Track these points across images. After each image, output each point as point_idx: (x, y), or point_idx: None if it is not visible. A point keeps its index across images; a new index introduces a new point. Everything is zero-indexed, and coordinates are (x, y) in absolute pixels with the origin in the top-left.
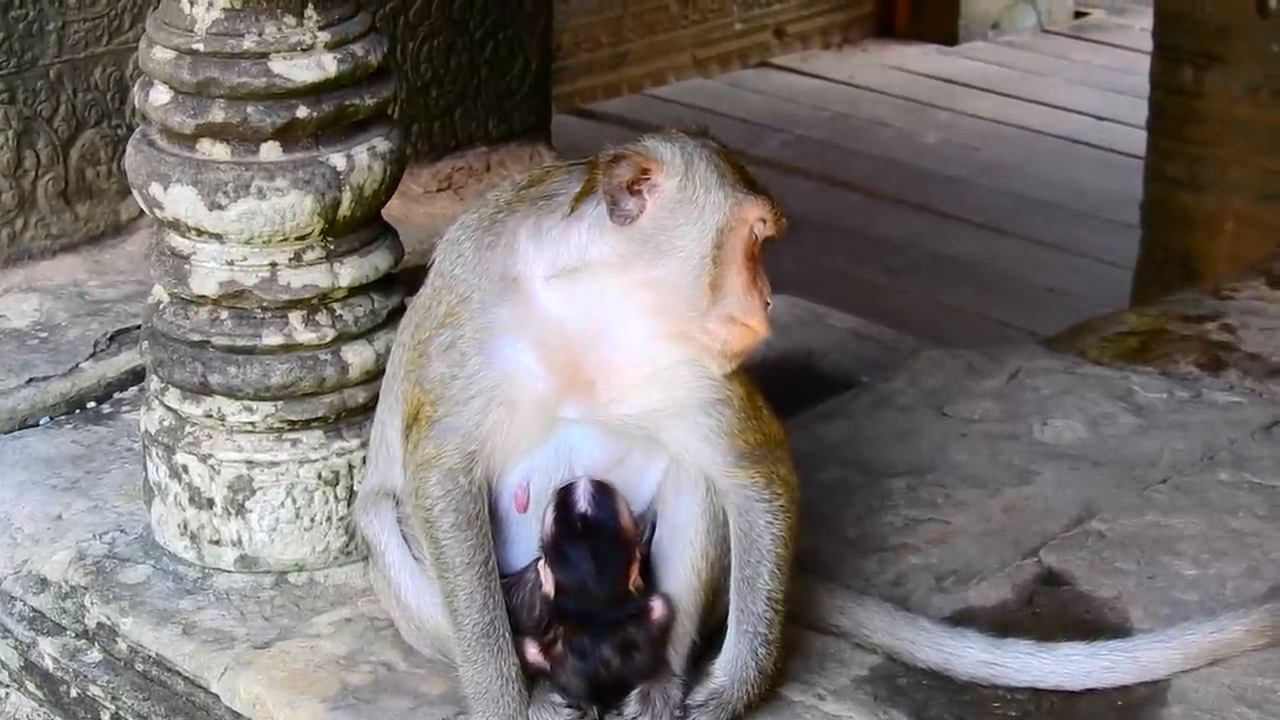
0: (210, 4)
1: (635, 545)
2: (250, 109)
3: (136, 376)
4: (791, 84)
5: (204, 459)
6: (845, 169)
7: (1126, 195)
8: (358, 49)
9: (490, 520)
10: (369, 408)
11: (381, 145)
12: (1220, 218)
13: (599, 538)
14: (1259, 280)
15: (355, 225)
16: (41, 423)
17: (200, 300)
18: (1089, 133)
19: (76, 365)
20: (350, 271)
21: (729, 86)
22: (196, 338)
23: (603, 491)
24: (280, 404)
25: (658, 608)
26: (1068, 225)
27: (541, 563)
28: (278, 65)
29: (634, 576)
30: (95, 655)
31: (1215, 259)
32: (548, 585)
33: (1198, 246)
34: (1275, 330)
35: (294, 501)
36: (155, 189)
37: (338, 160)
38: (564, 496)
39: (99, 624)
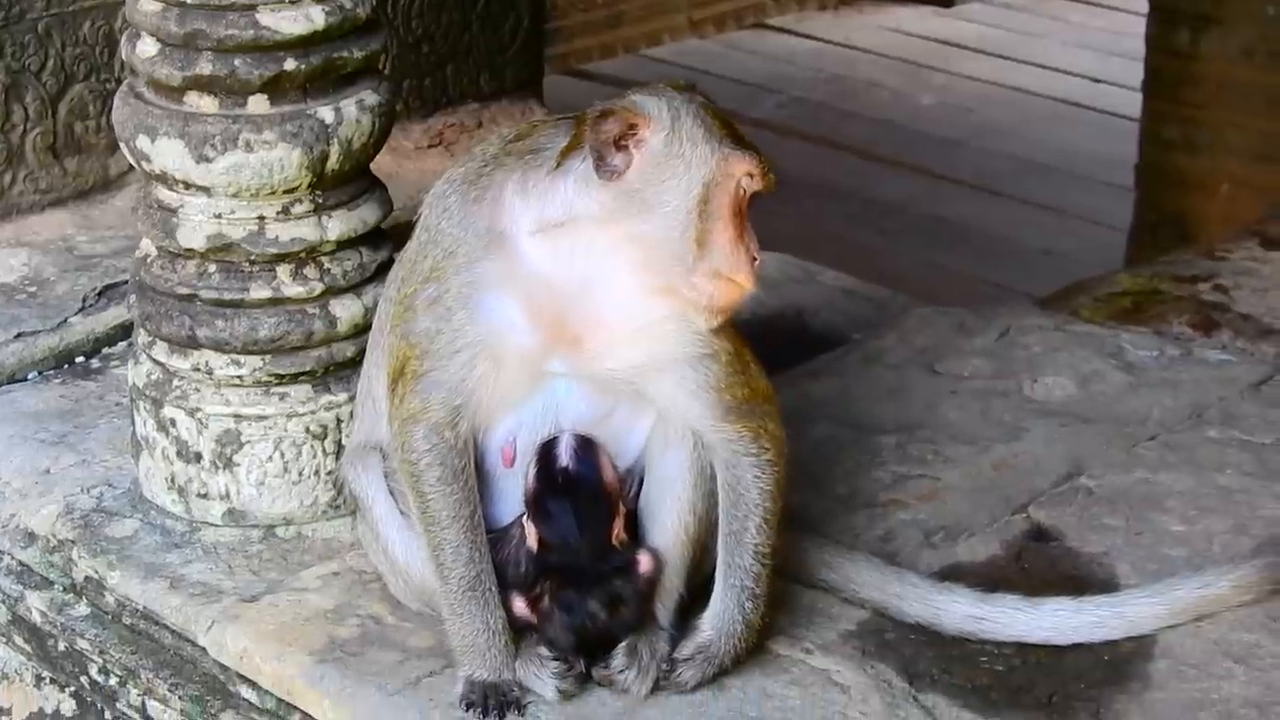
0: None
1: (618, 499)
2: (238, 61)
3: (125, 331)
4: (787, 45)
5: (192, 413)
6: (841, 131)
7: (1121, 157)
8: (346, 1)
9: (477, 475)
10: (357, 362)
11: (370, 98)
12: (1215, 179)
13: (580, 492)
14: (1252, 241)
15: (343, 179)
16: (30, 377)
17: (188, 254)
18: (1085, 95)
19: (65, 320)
20: (338, 225)
21: (724, 47)
22: (184, 291)
23: (585, 446)
24: (268, 358)
25: (644, 562)
26: (1063, 187)
27: (526, 517)
28: (265, 17)
29: (617, 530)
30: (83, 609)
31: (1209, 221)
32: (531, 540)
33: (1192, 208)
34: (1268, 291)
35: (282, 455)
36: (142, 142)
37: (326, 113)
38: (546, 451)
39: (86, 578)
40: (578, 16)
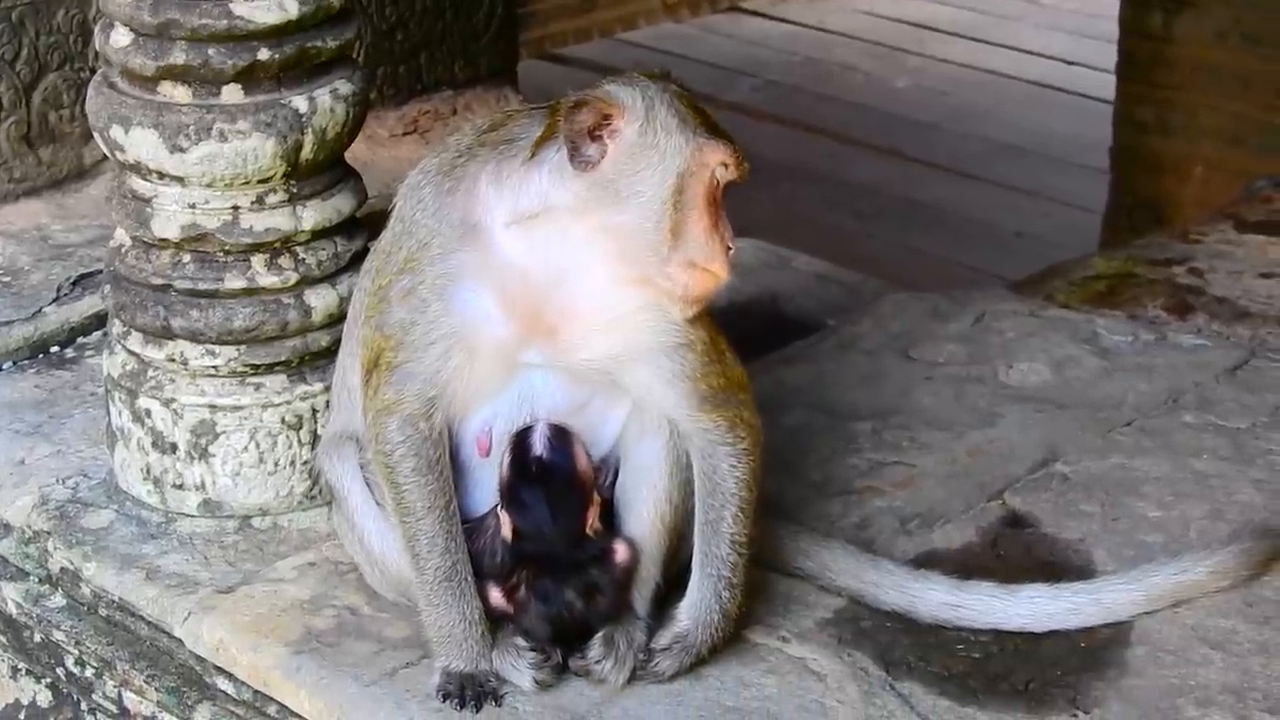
0: None
1: (592, 488)
2: (211, 51)
3: (100, 321)
4: (762, 29)
5: (167, 403)
6: (815, 114)
7: (1096, 140)
8: None
9: (452, 466)
10: (332, 351)
11: (344, 87)
12: (1189, 162)
13: (553, 481)
14: (1227, 224)
15: (318, 168)
16: (4, 368)
17: (162, 244)
18: (1059, 77)
19: (39, 310)
20: (313, 215)
21: (699, 31)
22: (158, 281)
23: (559, 435)
24: (243, 348)
25: (621, 551)
26: (1037, 170)
27: (500, 507)
28: (239, 7)
29: (592, 520)
30: (58, 600)
31: (1183, 203)
32: (506, 530)
33: (1166, 191)
34: (1242, 274)
35: (257, 446)
36: (116, 131)
37: (300, 103)
38: (520, 440)
39: (62, 569)
40: (552, 0)
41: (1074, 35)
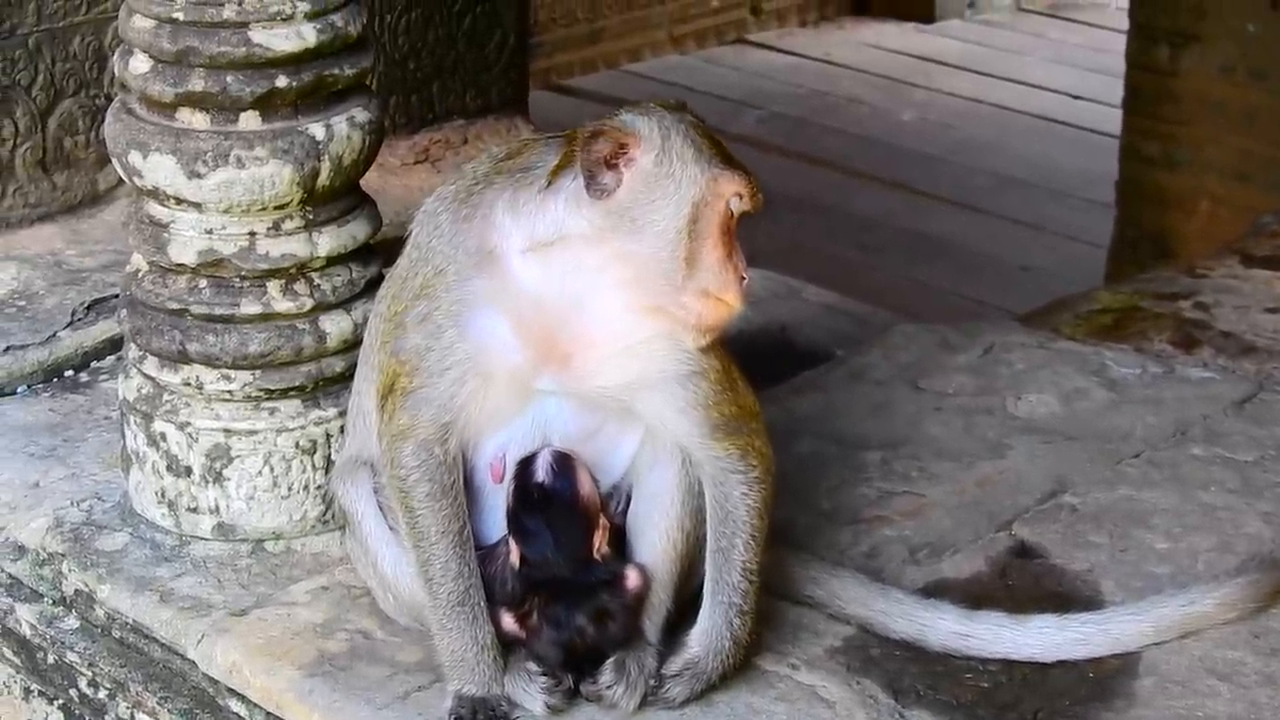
0: None
1: (597, 514)
2: (230, 78)
3: (114, 345)
4: (768, 61)
5: (182, 427)
6: (821, 146)
7: (1102, 174)
8: (337, 19)
9: (466, 491)
10: (346, 377)
11: (360, 115)
12: (1195, 196)
13: (555, 507)
14: (1233, 259)
15: (334, 195)
16: (19, 391)
17: (179, 269)
18: (1065, 111)
19: (54, 334)
20: (329, 241)
21: (705, 63)
22: (175, 306)
23: (562, 461)
24: (258, 373)
25: (632, 577)
26: (1043, 203)
27: (508, 534)
28: (257, 35)
29: (599, 544)
30: (72, 622)
31: (1189, 237)
32: (514, 556)
33: (1172, 225)
34: (1248, 308)
35: (271, 470)
36: (134, 157)
37: (317, 130)
38: (524, 467)
39: (76, 591)
40: (559, 31)
41: (1080, 69)
